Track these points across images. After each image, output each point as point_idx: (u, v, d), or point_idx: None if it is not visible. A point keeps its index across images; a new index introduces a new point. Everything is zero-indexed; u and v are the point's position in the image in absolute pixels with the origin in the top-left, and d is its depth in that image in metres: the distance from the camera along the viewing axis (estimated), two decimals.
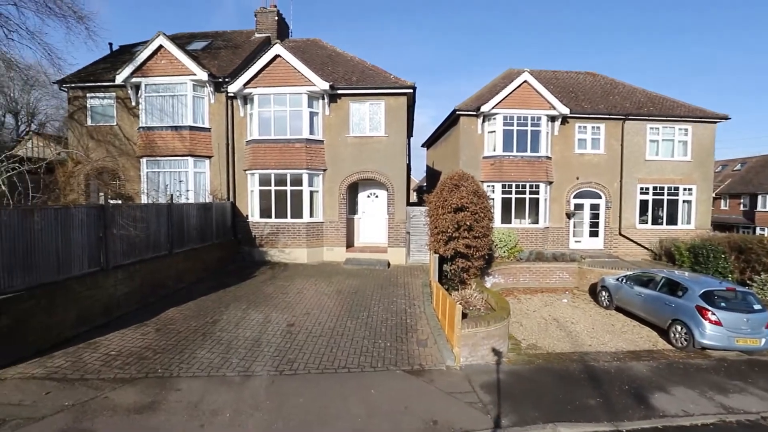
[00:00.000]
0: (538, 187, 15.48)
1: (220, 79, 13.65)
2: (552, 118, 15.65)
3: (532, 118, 15.35)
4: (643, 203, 16.51)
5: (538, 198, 15.56)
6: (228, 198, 13.97)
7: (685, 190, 16.49)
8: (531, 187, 15.45)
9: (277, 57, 13.27)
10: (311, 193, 13.78)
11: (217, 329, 7.60)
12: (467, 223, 9.48)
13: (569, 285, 14.26)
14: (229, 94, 13.66)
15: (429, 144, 24.85)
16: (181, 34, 17.90)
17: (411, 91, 13.52)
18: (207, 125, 13.98)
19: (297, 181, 13.56)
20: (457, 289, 9.77)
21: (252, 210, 13.95)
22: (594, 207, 16.55)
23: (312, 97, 13.54)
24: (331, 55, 16.01)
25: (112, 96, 14.36)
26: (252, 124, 13.82)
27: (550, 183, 15.82)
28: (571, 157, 16.07)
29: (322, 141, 13.89)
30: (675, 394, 6.27)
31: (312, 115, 13.66)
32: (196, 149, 13.73)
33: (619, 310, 11.63)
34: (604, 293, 12.18)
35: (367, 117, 13.89)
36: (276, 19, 17.41)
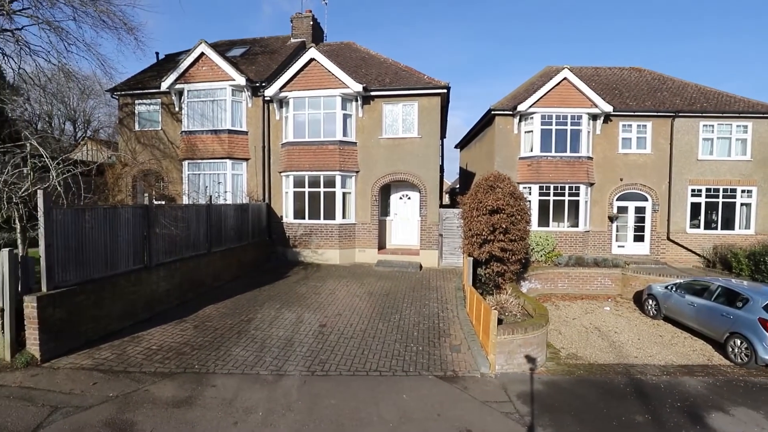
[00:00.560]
0: (578, 188, 14.82)
1: (257, 84, 14.04)
2: (593, 117, 14.95)
3: (572, 117, 14.72)
4: (695, 206, 15.41)
5: (578, 200, 14.90)
6: (263, 199, 14.32)
7: (743, 192, 15.25)
8: (570, 188, 14.81)
9: (311, 61, 13.48)
10: (344, 194, 13.87)
11: (251, 327, 7.75)
12: (503, 225, 9.19)
13: (612, 292, 13.53)
14: (265, 98, 14.01)
15: (462, 145, 24.45)
16: (221, 42, 18.60)
17: (445, 91, 13.33)
18: (244, 128, 14.41)
19: (330, 182, 13.69)
20: (491, 294, 9.50)
21: (286, 211, 14.22)
22: (639, 210, 15.63)
23: (345, 99, 13.64)
24: (365, 57, 16.09)
25: (157, 102, 15.12)
26: (287, 127, 14.10)
27: (591, 184, 15.11)
28: (614, 157, 15.27)
29: (355, 143, 13.95)
30: (735, 415, 5.73)
31: (345, 117, 13.76)
32: (234, 152, 14.18)
33: (667, 320, 10.89)
34: (650, 302, 11.45)
35: (400, 118, 13.82)
36: (311, 24, 17.72)
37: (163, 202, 10.88)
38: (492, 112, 15.21)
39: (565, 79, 14.44)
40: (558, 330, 9.97)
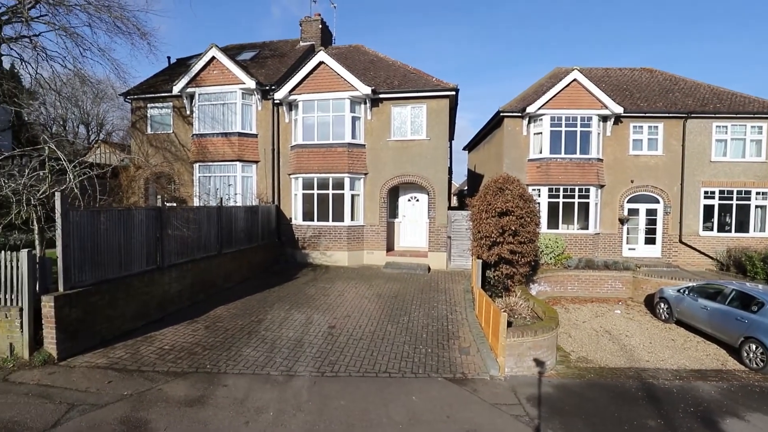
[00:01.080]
0: (588, 190, 14.70)
1: (267, 87, 14.19)
2: (604, 118, 14.83)
3: (582, 119, 14.62)
4: (708, 208, 15.18)
5: (588, 202, 14.77)
6: (273, 201, 14.44)
7: (758, 194, 14.98)
8: (580, 190, 14.70)
9: (320, 64, 13.59)
10: (352, 196, 13.93)
11: (261, 328, 7.83)
12: (512, 227, 9.16)
13: (622, 295, 13.39)
14: (275, 101, 14.16)
15: (470, 147, 24.39)
16: (231, 46, 18.83)
17: (453, 93, 13.34)
18: (254, 131, 14.57)
19: (339, 184, 13.77)
20: (501, 296, 9.46)
21: (295, 213, 14.33)
22: (650, 212, 15.45)
23: (354, 102, 13.72)
24: (373, 60, 16.17)
25: (169, 105, 15.36)
26: (296, 130, 14.22)
27: (602, 186, 14.97)
28: (624, 159, 15.12)
29: (364, 145, 14.02)
30: (751, 421, 5.64)
31: (354, 119, 13.84)
32: (244, 154, 14.33)
33: (679, 323, 10.74)
34: (662, 305, 11.30)
35: (409, 120, 13.86)
36: (320, 27, 17.86)
37: (174, 204, 11.03)
38: (501, 114, 15.17)
39: (574, 80, 14.36)
40: (568, 333, 9.90)
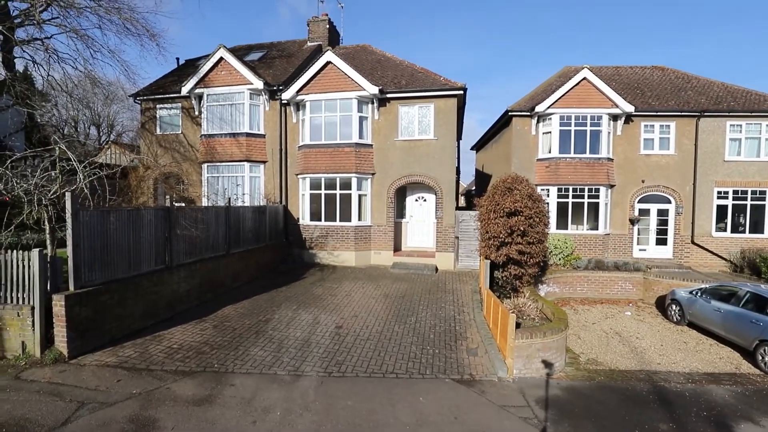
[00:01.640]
0: (597, 190, 14.52)
1: (275, 87, 14.24)
2: (614, 117, 14.64)
3: (592, 118, 14.45)
4: (721, 209, 14.90)
5: (597, 202, 14.59)
6: (280, 201, 14.49)
7: None
8: (590, 190, 14.53)
9: (328, 64, 13.60)
10: (360, 196, 13.92)
11: (269, 328, 7.84)
12: (521, 228, 9.08)
13: (633, 297, 13.19)
14: (282, 102, 14.20)
15: (478, 147, 24.26)
16: (239, 47, 18.93)
17: (461, 92, 13.26)
18: (262, 132, 14.63)
19: (346, 184, 13.77)
20: (509, 297, 9.39)
21: (303, 213, 14.36)
22: (662, 213, 15.21)
23: (362, 101, 13.71)
24: (380, 59, 16.14)
25: (178, 106, 15.49)
26: (304, 130, 14.25)
27: (612, 186, 14.78)
28: (635, 158, 14.91)
29: (371, 145, 14.00)
30: (766, 426, 5.51)
31: (361, 119, 13.83)
32: (252, 155, 14.40)
33: (691, 326, 10.56)
34: (674, 307, 11.12)
35: (416, 120, 13.81)
36: (327, 27, 17.88)
37: (183, 204, 11.11)
38: (509, 113, 15.05)
39: (584, 79, 14.19)
40: (577, 335, 9.78)
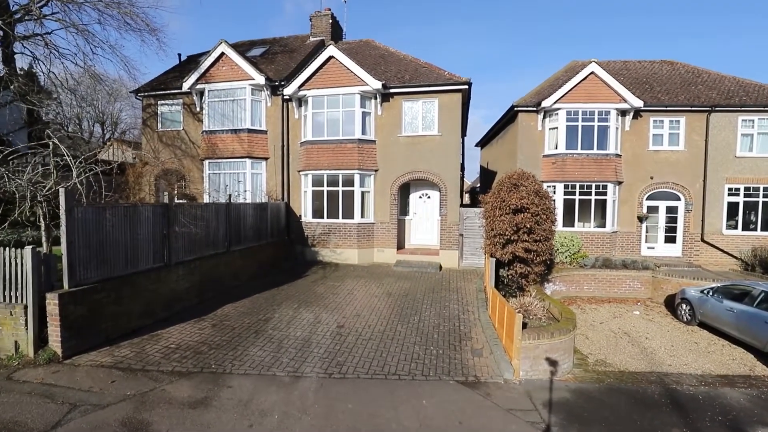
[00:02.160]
0: (605, 187, 14.23)
1: (277, 83, 14.05)
2: (623, 112, 14.33)
3: (600, 113, 14.14)
4: (732, 206, 14.57)
5: (605, 199, 14.31)
6: (282, 198, 14.32)
7: None
8: (597, 187, 14.24)
9: (330, 58, 13.39)
10: (362, 193, 13.72)
11: (269, 327, 7.68)
12: (527, 225, 8.84)
13: (641, 296, 12.92)
14: (284, 97, 14.01)
15: (483, 143, 23.97)
16: (242, 42, 18.75)
17: (466, 87, 13.00)
18: (264, 128, 14.45)
19: (349, 181, 13.57)
20: (515, 296, 9.16)
21: (305, 210, 14.18)
22: (671, 210, 14.90)
23: (364, 97, 13.49)
24: (384, 54, 15.90)
25: (179, 102, 15.34)
26: (306, 126, 14.05)
27: (620, 183, 14.48)
28: (644, 154, 14.60)
29: (374, 141, 13.79)
30: None
31: (364, 115, 13.61)
32: (254, 151, 14.23)
33: (702, 326, 10.28)
34: (684, 306, 10.84)
35: (420, 115, 13.57)
36: (330, 22, 17.64)
37: (183, 201, 10.96)
38: (515, 109, 14.77)
39: (592, 73, 13.88)
40: (585, 335, 9.54)
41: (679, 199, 14.76)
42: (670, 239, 14.97)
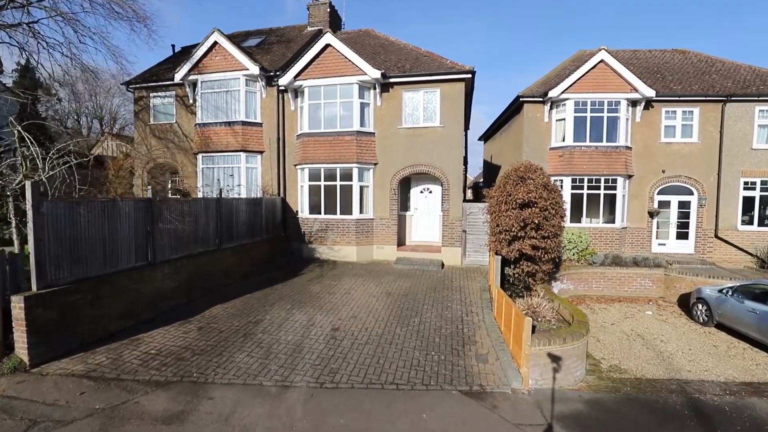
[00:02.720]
0: (614, 181, 13.62)
1: (271, 73, 13.48)
2: (633, 103, 13.69)
3: (609, 103, 13.51)
4: (748, 200, 13.93)
5: (614, 194, 13.71)
6: (278, 193, 13.80)
7: None
8: (606, 181, 13.64)
9: (327, 47, 12.80)
10: (361, 188, 13.17)
11: (258, 330, 7.18)
12: (535, 220, 8.28)
13: (653, 294, 12.36)
14: (280, 88, 13.44)
15: (486, 137, 23.35)
16: (237, 33, 18.17)
17: (469, 76, 12.39)
18: (259, 120, 13.90)
19: (347, 175, 13.02)
20: (522, 296, 8.63)
21: (301, 205, 13.66)
22: (683, 204, 14.28)
23: (363, 87, 12.90)
24: (384, 44, 15.29)
25: (171, 95, 14.80)
26: (302, 118, 13.49)
27: (630, 177, 13.88)
28: (655, 146, 13.97)
29: (373, 133, 13.21)
30: None
31: (363, 106, 13.03)
32: (248, 144, 13.69)
33: (720, 327, 9.73)
34: (700, 306, 10.28)
35: (421, 106, 12.98)
36: (328, 11, 17.02)
37: (169, 196, 10.44)
38: (520, 99, 14.15)
39: (601, 61, 13.24)
40: (596, 337, 9.00)
41: (691, 193, 14.14)
42: (682, 235, 14.37)
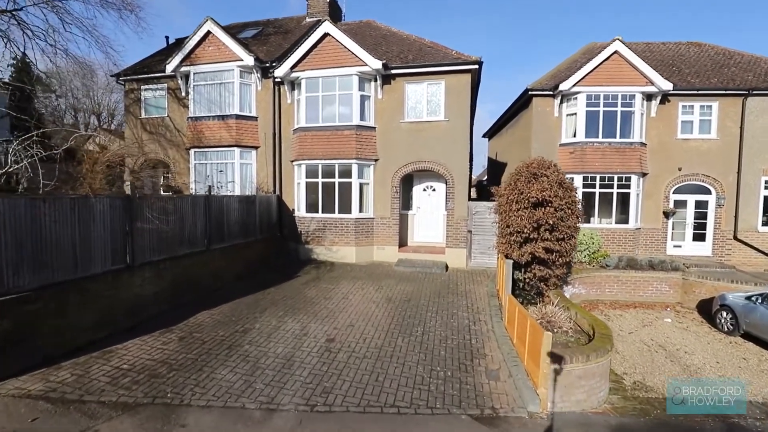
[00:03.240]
0: (628, 179, 12.91)
1: (267, 64, 12.80)
2: (648, 97, 12.96)
3: (623, 97, 12.78)
4: None
5: (628, 193, 12.99)
6: (274, 191, 13.13)
7: None
8: (620, 179, 12.92)
9: (326, 36, 12.12)
10: (361, 185, 12.49)
11: (245, 341, 6.51)
12: (550, 221, 7.58)
13: (670, 300, 11.64)
14: (276, 80, 12.76)
15: (492, 134, 22.63)
16: (234, 24, 17.51)
17: (476, 67, 11.68)
18: (254, 114, 13.22)
19: (346, 172, 12.34)
20: (534, 303, 7.95)
21: (298, 204, 12.99)
22: (700, 204, 13.55)
23: (363, 78, 12.21)
24: (386, 35, 14.58)
25: (163, 87, 14.13)
26: (299, 111, 12.81)
27: (644, 175, 13.15)
28: (671, 143, 13.24)
29: (374, 128, 12.52)
30: None
31: (363, 98, 12.33)
32: (243, 139, 13.01)
33: (747, 337, 9.02)
34: (724, 314, 9.57)
35: (425, 99, 12.28)
36: (328, 1, 16.32)
37: (151, 192, 9.78)
38: (529, 93, 13.42)
39: (615, 52, 12.51)
40: (614, 348, 8.30)
41: (709, 192, 13.41)
42: (699, 237, 13.64)
